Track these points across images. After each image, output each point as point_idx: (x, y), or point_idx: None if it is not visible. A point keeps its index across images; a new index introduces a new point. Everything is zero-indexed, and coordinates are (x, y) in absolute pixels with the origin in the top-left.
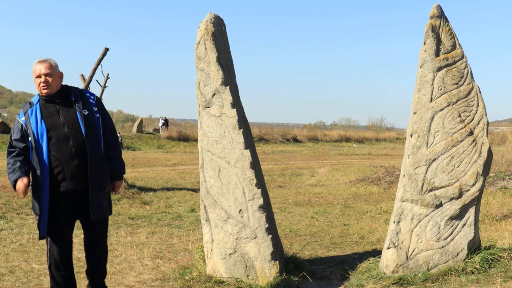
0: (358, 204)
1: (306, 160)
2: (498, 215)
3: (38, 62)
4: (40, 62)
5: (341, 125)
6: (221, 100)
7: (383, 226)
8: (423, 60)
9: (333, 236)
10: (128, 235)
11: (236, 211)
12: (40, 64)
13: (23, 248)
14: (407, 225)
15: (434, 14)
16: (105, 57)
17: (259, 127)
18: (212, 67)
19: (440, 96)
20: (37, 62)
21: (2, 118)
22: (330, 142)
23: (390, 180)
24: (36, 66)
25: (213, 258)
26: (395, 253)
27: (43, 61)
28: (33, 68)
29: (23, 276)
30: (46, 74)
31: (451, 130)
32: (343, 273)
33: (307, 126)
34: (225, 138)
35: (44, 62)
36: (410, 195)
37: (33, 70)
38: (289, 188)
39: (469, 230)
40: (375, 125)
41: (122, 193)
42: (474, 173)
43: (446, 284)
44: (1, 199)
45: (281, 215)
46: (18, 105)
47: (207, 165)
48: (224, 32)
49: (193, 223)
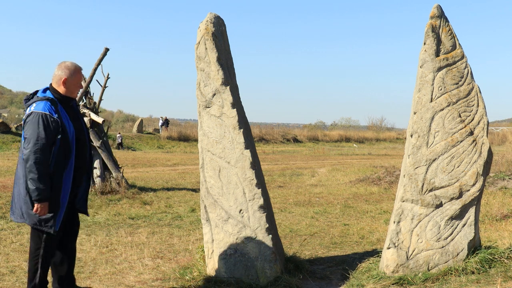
0: (358, 204)
1: (306, 160)
2: (498, 215)
3: (80, 69)
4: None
5: (341, 125)
6: (221, 100)
7: (383, 226)
8: (423, 60)
9: (333, 236)
10: (128, 235)
11: (236, 211)
12: (81, 72)
13: (23, 248)
14: (407, 225)
15: (434, 14)
16: (105, 57)
17: (259, 127)
18: (212, 67)
19: (440, 96)
20: (80, 69)
21: (2, 118)
22: (330, 142)
23: (390, 180)
24: (80, 72)
25: (214, 258)
26: (395, 253)
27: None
28: (77, 73)
29: (24, 276)
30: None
31: (451, 130)
32: (343, 273)
33: (307, 126)
34: (225, 138)
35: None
36: (410, 195)
37: (78, 75)
38: (289, 188)
39: (469, 230)
40: (375, 125)
41: (123, 193)
42: (474, 173)
43: (446, 284)
44: (2, 199)
45: (281, 215)
46: (18, 105)
47: (207, 165)
48: (224, 32)
49: (193, 223)
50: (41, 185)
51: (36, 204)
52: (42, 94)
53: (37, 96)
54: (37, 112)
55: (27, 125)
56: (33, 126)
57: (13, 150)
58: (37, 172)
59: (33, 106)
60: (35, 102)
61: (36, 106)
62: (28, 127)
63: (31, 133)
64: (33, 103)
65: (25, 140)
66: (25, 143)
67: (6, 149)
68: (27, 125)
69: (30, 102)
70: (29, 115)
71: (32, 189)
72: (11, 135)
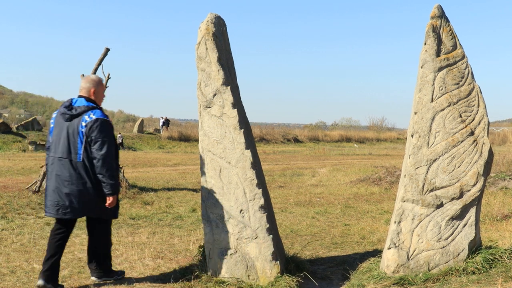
0: (359, 204)
1: (307, 160)
2: (499, 215)
3: (102, 80)
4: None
5: (342, 125)
6: (222, 100)
7: (384, 226)
8: (424, 60)
9: (334, 236)
10: (129, 235)
11: (237, 211)
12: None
13: (24, 248)
14: (408, 225)
15: (435, 14)
16: (106, 57)
17: (260, 127)
18: (213, 67)
19: (441, 96)
20: (102, 80)
21: (3, 118)
22: (331, 142)
23: (391, 180)
24: (103, 83)
25: (214, 258)
26: (396, 253)
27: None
28: (101, 84)
29: (24, 276)
30: None
31: (452, 130)
32: (344, 273)
33: (308, 126)
34: (226, 138)
35: None
36: (411, 195)
37: (102, 86)
38: (290, 188)
39: (470, 230)
40: (376, 125)
41: (123, 193)
42: (475, 173)
43: (447, 284)
44: (2, 199)
45: (282, 215)
46: (19, 105)
47: (208, 165)
48: (225, 32)
49: (194, 223)
50: (115, 180)
51: (111, 197)
52: (87, 103)
53: (85, 105)
54: (102, 118)
55: (97, 130)
56: (103, 131)
57: (13, 151)
58: (111, 170)
59: (93, 114)
60: (90, 110)
61: (96, 114)
62: (97, 132)
63: (103, 136)
64: (89, 112)
65: (98, 143)
66: (99, 145)
67: (7, 149)
68: (97, 130)
69: (82, 110)
70: (96, 122)
71: (111, 183)
72: (11, 135)
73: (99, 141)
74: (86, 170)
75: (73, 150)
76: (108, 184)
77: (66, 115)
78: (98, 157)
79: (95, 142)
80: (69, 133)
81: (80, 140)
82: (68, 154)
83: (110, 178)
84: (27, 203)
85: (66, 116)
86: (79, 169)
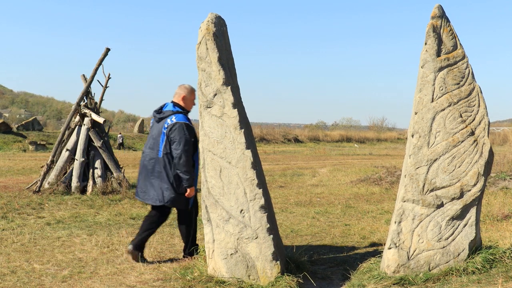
0: (359, 204)
1: (307, 160)
2: (499, 215)
3: (194, 90)
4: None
5: (342, 125)
6: (223, 100)
7: (384, 226)
8: (425, 60)
9: (334, 236)
10: (129, 235)
11: (237, 211)
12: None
13: (24, 248)
14: (408, 225)
15: (435, 14)
16: (106, 57)
17: (260, 127)
18: (213, 67)
19: (441, 96)
20: (194, 90)
21: (4, 118)
22: (331, 142)
23: (391, 180)
24: (194, 92)
25: (214, 258)
26: (396, 253)
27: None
28: (192, 92)
29: (25, 276)
30: None
31: (452, 130)
32: (344, 273)
33: (308, 126)
34: (226, 138)
35: None
36: (411, 195)
37: (193, 94)
38: (290, 188)
39: (470, 230)
40: (376, 125)
41: (124, 193)
42: (475, 173)
43: (447, 284)
44: (3, 199)
45: (282, 215)
46: (19, 105)
47: (208, 165)
48: (225, 32)
49: None
50: (191, 175)
51: (189, 189)
52: (174, 108)
53: (171, 110)
54: (181, 122)
55: (175, 132)
56: (180, 133)
57: (14, 151)
58: (188, 165)
59: (174, 118)
60: (173, 114)
61: (177, 118)
62: (176, 133)
63: (180, 137)
64: (172, 115)
65: (175, 143)
66: (176, 145)
67: (7, 149)
68: (175, 132)
69: (167, 114)
70: (175, 124)
71: (186, 178)
72: (12, 135)
73: (176, 141)
74: (164, 165)
75: (156, 147)
76: (183, 178)
77: (156, 118)
78: (175, 154)
79: (173, 142)
80: (156, 133)
81: (162, 139)
82: (153, 150)
83: (184, 174)
84: (27, 203)
85: (156, 119)
86: (159, 163)
